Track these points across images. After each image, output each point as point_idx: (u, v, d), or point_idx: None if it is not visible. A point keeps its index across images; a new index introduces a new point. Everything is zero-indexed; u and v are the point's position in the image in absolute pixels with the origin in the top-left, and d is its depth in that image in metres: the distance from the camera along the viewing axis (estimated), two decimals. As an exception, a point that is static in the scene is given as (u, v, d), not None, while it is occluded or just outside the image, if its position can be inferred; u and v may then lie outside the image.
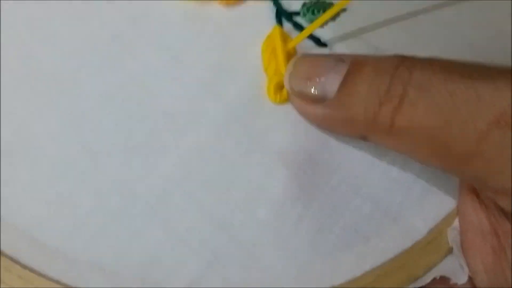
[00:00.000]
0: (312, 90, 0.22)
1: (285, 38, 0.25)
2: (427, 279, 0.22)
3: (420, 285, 0.22)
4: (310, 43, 0.26)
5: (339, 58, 0.22)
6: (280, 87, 0.24)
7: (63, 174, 0.23)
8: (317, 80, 0.22)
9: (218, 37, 0.25)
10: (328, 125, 0.23)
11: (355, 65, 0.21)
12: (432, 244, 0.23)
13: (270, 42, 0.25)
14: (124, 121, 0.24)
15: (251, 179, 0.23)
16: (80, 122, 0.24)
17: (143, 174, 0.23)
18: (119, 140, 0.23)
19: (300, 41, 0.24)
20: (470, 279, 0.22)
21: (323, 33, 0.26)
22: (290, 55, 0.24)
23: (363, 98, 0.20)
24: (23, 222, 0.22)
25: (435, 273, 0.22)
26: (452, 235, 0.23)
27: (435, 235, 0.23)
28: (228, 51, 0.25)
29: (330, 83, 0.21)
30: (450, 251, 0.23)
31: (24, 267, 0.21)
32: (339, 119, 0.22)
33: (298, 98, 0.23)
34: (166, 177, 0.23)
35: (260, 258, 0.22)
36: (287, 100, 0.24)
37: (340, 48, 0.26)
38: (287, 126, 0.24)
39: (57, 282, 0.21)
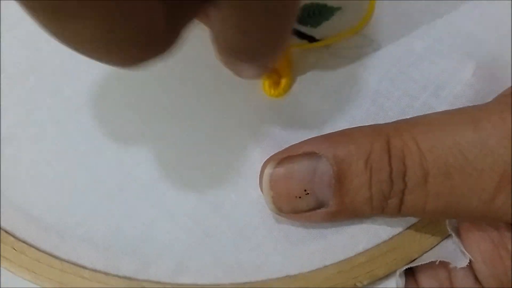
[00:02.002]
0: (305, 205, 0.21)
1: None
2: (424, 259, 0.22)
3: (416, 264, 0.22)
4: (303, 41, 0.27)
5: (309, 153, 0.20)
6: (275, 83, 0.25)
7: (62, 153, 0.24)
8: (305, 194, 0.20)
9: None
10: (332, 221, 0.22)
11: (341, 165, 0.20)
12: (428, 228, 0.22)
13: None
14: (124, 109, 0.25)
15: (246, 162, 0.24)
16: (82, 108, 0.25)
17: (140, 157, 0.24)
18: (118, 125, 0.24)
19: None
20: (472, 268, 0.22)
21: (317, 32, 0.27)
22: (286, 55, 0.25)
23: (367, 199, 0.20)
24: (19, 196, 0.23)
25: (432, 255, 0.22)
26: (452, 222, 0.22)
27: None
28: None
29: (321, 192, 0.20)
30: (446, 235, 0.22)
31: (18, 239, 0.22)
32: (344, 215, 0.21)
33: (292, 214, 0.21)
34: (162, 159, 0.24)
35: (252, 238, 0.22)
36: (282, 94, 0.25)
37: (336, 44, 0.26)
38: (283, 120, 0.24)
39: (50, 254, 0.22)
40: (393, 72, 0.25)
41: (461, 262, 0.21)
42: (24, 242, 0.22)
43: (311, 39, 0.26)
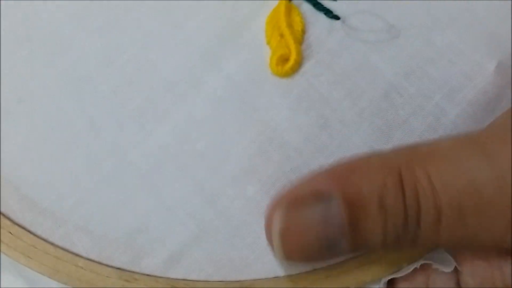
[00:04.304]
0: (317, 250, 0.20)
1: (290, 9, 0.23)
2: (410, 268, 0.22)
3: (402, 274, 0.22)
4: (322, 17, 0.25)
5: (317, 194, 0.19)
6: (283, 59, 0.24)
7: (58, 134, 0.23)
8: (317, 235, 0.19)
9: (223, 7, 0.24)
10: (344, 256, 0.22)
11: (353, 207, 0.19)
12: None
13: (275, 14, 0.24)
14: (122, 86, 0.24)
15: (244, 155, 0.23)
16: (78, 83, 0.24)
17: (137, 141, 0.23)
18: (116, 104, 0.24)
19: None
20: (455, 277, 0.22)
21: (336, 6, 0.25)
22: (295, 25, 0.24)
23: (381, 240, 0.19)
24: (15, 178, 0.23)
25: (419, 262, 0.22)
26: None
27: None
28: (231, 22, 0.24)
29: (333, 234, 0.19)
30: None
31: (15, 223, 0.22)
32: (354, 253, 0.21)
33: (301, 254, 0.20)
34: (160, 145, 0.23)
35: (246, 236, 0.22)
36: (289, 73, 0.24)
37: (354, 23, 0.24)
38: (287, 103, 0.23)
39: (45, 240, 0.22)
40: (410, 66, 0.24)
41: (447, 267, 0.21)
42: (20, 226, 0.22)
43: (329, 13, 0.24)
